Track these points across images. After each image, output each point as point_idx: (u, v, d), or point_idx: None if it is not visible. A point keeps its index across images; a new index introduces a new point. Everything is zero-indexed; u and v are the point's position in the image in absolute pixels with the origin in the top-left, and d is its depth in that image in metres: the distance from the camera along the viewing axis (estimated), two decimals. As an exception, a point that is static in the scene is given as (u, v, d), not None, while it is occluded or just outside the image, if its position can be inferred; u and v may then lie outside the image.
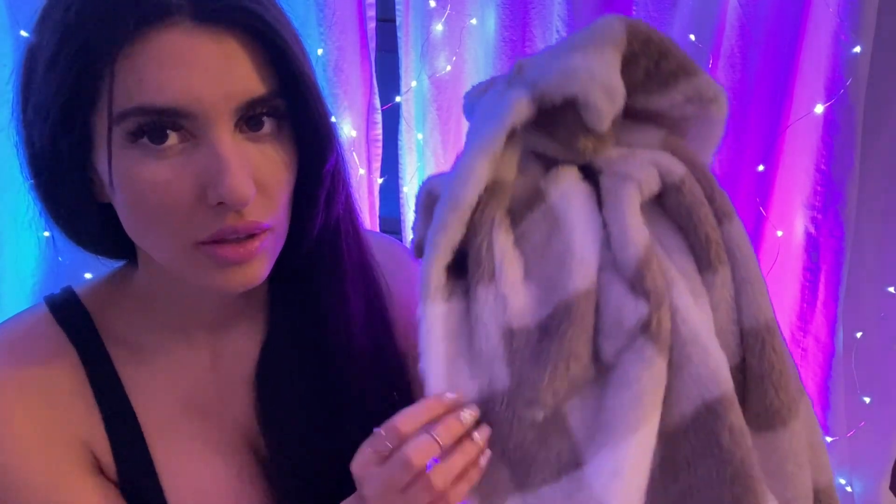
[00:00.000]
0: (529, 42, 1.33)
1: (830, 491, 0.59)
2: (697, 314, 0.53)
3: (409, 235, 1.51)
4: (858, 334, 1.25)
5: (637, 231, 0.54)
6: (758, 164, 1.22)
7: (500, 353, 0.54)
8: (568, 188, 0.58)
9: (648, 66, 0.57)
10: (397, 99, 1.42)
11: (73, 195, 0.56)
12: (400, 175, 1.47)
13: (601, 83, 0.54)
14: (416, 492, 0.53)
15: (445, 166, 1.46)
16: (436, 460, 0.53)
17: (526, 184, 0.60)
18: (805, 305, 1.24)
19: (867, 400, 1.28)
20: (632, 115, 0.61)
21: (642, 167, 0.57)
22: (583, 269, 0.54)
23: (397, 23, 1.37)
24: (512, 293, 0.55)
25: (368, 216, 1.52)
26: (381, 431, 0.54)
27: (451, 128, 1.44)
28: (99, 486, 0.61)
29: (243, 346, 0.67)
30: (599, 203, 0.58)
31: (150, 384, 0.63)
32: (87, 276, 0.68)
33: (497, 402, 0.55)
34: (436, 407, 0.54)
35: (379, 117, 1.44)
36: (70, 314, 0.62)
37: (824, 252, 1.21)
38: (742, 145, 1.23)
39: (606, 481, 0.51)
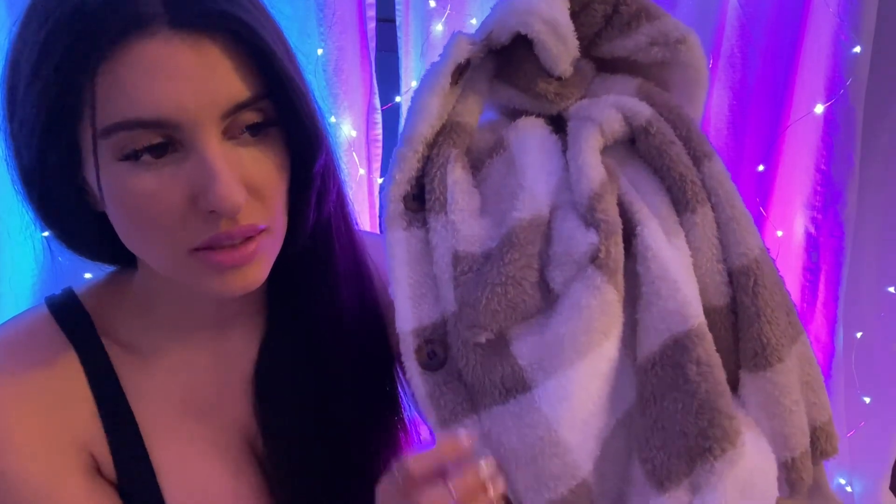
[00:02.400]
0: (529, 42, 1.33)
1: (828, 428, 0.59)
2: (669, 252, 0.54)
3: (409, 235, 1.51)
4: (858, 334, 1.25)
5: (592, 168, 0.55)
6: (758, 164, 1.22)
7: (449, 275, 0.56)
8: (526, 132, 0.59)
9: (605, 10, 0.59)
10: (397, 99, 1.42)
11: (66, 206, 0.56)
12: (400, 175, 1.47)
13: (541, 17, 0.56)
14: None
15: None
16: None
17: (492, 137, 0.62)
18: (805, 305, 1.24)
19: (867, 400, 1.28)
20: (607, 67, 0.63)
21: (604, 110, 0.58)
22: (529, 199, 0.55)
23: (397, 23, 1.37)
24: (460, 220, 0.56)
25: (368, 216, 1.52)
26: (394, 471, 0.53)
27: (450, 128, 1.44)
28: (98, 488, 0.60)
29: (241, 347, 0.67)
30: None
31: (148, 385, 0.63)
32: (87, 276, 0.68)
33: (449, 324, 0.56)
34: (449, 450, 0.53)
35: (379, 117, 1.44)
36: (70, 315, 0.62)
37: (824, 252, 1.21)
38: (742, 145, 1.23)
39: (555, 404, 0.52)
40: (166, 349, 0.64)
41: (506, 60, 0.61)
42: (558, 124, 0.61)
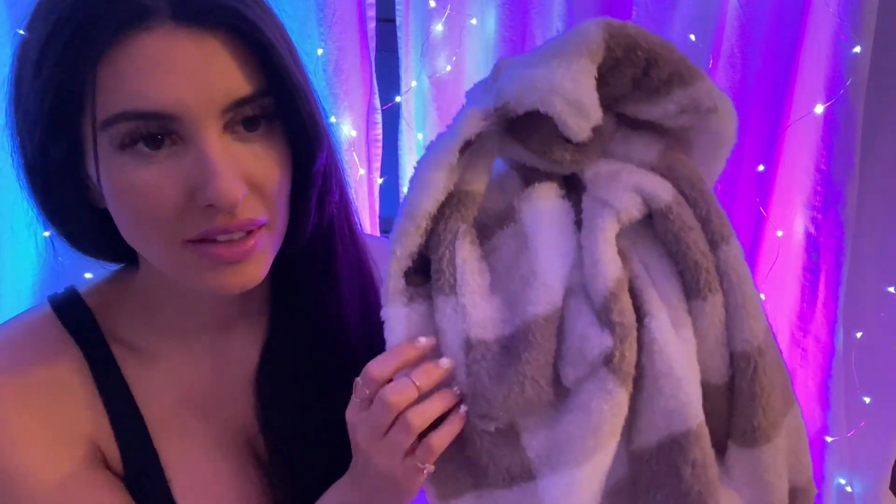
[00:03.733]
0: (529, 42, 1.33)
1: (807, 486, 0.60)
2: (675, 346, 0.53)
3: (409, 235, 1.52)
4: (858, 334, 1.25)
5: (608, 264, 0.53)
6: (758, 164, 1.22)
7: (461, 360, 0.55)
8: (540, 209, 0.57)
9: (635, 74, 0.55)
10: (397, 99, 1.42)
11: (68, 201, 0.56)
12: (400, 175, 1.47)
13: (565, 97, 0.52)
14: (395, 434, 0.54)
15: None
16: None
17: (501, 199, 0.59)
18: (805, 305, 1.24)
19: (867, 400, 1.28)
20: (629, 121, 0.59)
21: (623, 193, 0.55)
22: (546, 293, 0.54)
23: (397, 23, 1.37)
24: (471, 304, 0.55)
25: (368, 216, 1.52)
26: (359, 380, 0.55)
27: (451, 128, 1.44)
28: (106, 480, 0.61)
29: (244, 348, 0.67)
30: (581, 220, 0.57)
31: (151, 384, 0.63)
32: (88, 276, 0.68)
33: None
34: (408, 351, 0.55)
35: (379, 117, 1.44)
36: (74, 314, 0.63)
37: (824, 252, 1.21)
38: (742, 145, 1.23)
39: (557, 498, 0.53)
40: (168, 349, 0.64)
41: (519, 119, 0.57)
42: (571, 182, 0.59)
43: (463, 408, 0.55)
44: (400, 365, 0.55)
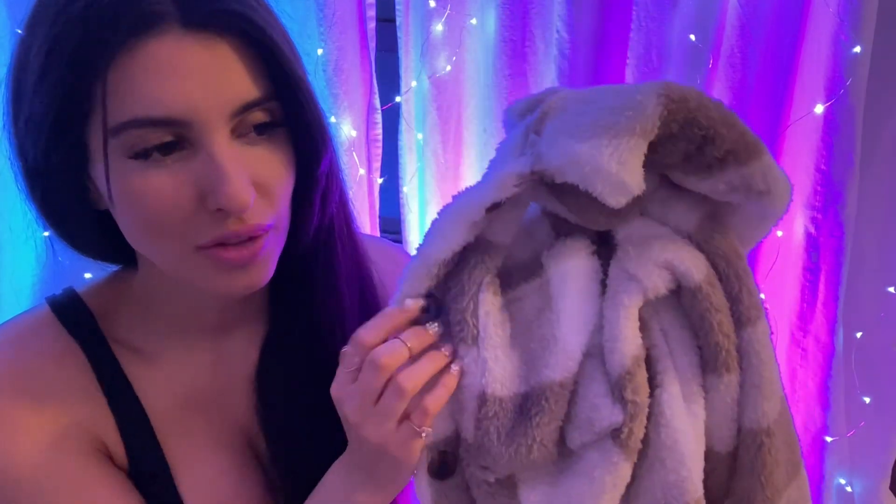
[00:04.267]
0: (529, 42, 1.33)
1: None
2: (683, 421, 0.53)
3: (408, 235, 1.51)
4: (858, 334, 1.25)
5: (627, 341, 0.53)
6: (758, 164, 1.22)
7: (472, 411, 0.55)
8: (568, 270, 0.55)
9: (689, 149, 0.52)
10: (397, 99, 1.42)
11: (69, 205, 0.56)
12: (400, 175, 1.47)
13: (609, 179, 0.49)
14: (388, 398, 0.53)
15: (445, 166, 1.46)
16: None
17: (528, 247, 0.58)
18: (805, 305, 1.24)
19: (867, 400, 1.28)
20: (672, 181, 0.57)
21: (653, 270, 0.54)
22: (564, 359, 0.54)
23: (397, 23, 1.37)
24: (493, 358, 0.55)
25: (368, 216, 1.52)
26: (348, 348, 0.55)
27: (451, 128, 1.44)
28: (112, 476, 0.61)
29: (244, 347, 0.67)
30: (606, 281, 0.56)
31: (152, 383, 0.64)
32: (87, 276, 0.68)
33: (462, 446, 0.56)
34: (397, 315, 0.55)
35: (379, 117, 1.44)
36: (73, 314, 0.63)
37: (824, 252, 1.21)
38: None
39: None
40: (169, 349, 0.64)
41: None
42: (603, 235, 0.57)
43: (455, 367, 0.55)
44: (389, 330, 0.55)
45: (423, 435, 0.54)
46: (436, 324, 0.55)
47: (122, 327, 0.64)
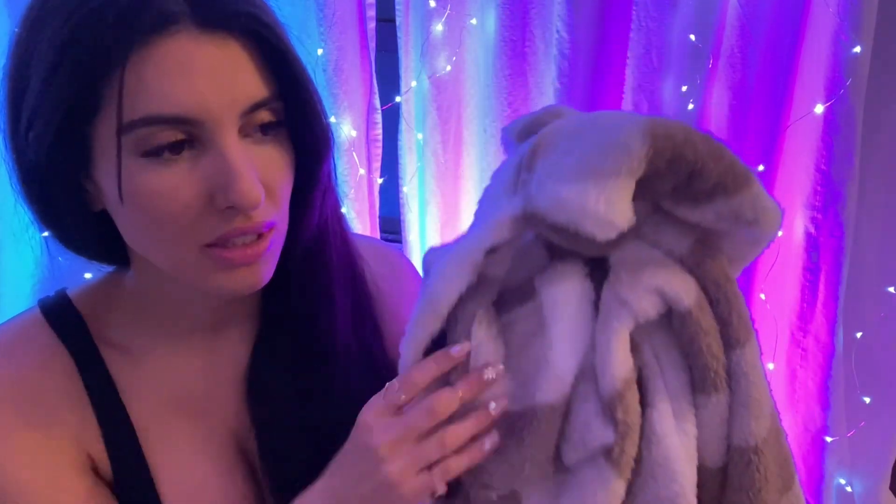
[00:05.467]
0: (529, 42, 1.33)
1: None
2: (674, 438, 0.54)
3: (408, 235, 1.52)
4: (858, 334, 1.25)
5: (618, 364, 0.54)
6: (758, 164, 1.22)
7: None
8: (560, 296, 0.56)
9: (677, 183, 0.52)
10: (397, 99, 1.42)
11: (66, 205, 0.56)
12: (400, 175, 1.47)
13: (597, 220, 0.51)
14: (427, 446, 0.54)
15: (445, 166, 1.46)
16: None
17: (523, 270, 0.59)
18: (805, 305, 1.24)
19: (867, 400, 1.28)
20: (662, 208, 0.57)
21: (644, 295, 0.54)
22: (556, 383, 0.54)
23: (397, 23, 1.37)
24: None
25: (368, 216, 1.52)
26: (394, 384, 0.55)
27: (450, 128, 1.44)
28: (93, 487, 0.61)
29: (235, 348, 0.67)
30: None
31: (142, 386, 0.63)
32: (88, 276, 0.68)
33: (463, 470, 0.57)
34: (447, 361, 0.56)
35: (379, 117, 1.44)
36: (63, 318, 0.63)
37: (824, 252, 1.21)
38: (742, 145, 1.23)
39: None
40: (160, 351, 0.64)
41: None
42: (597, 260, 0.58)
43: (488, 443, 0.55)
44: (437, 374, 0.56)
45: (437, 494, 0.55)
46: (493, 368, 0.56)
47: (112, 328, 0.63)
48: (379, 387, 0.62)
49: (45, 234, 0.61)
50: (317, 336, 0.66)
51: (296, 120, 0.56)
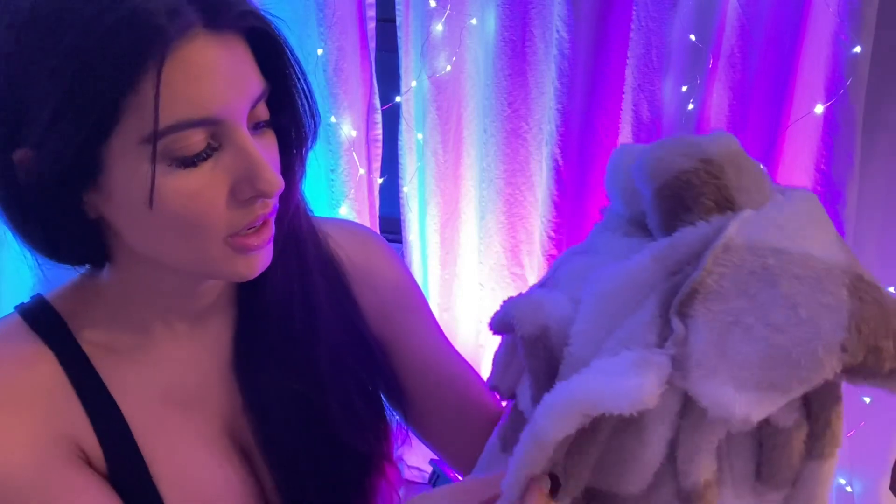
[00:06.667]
0: (529, 42, 1.33)
1: None
2: None
3: (408, 235, 1.52)
4: (858, 334, 1.25)
5: (702, 467, 0.53)
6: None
7: None
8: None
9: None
10: (397, 99, 1.42)
11: (61, 217, 0.56)
12: (400, 175, 1.47)
13: (743, 422, 0.48)
14: None
15: (445, 166, 1.46)
16: None
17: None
18: (805, 305, 1.24)
19: (867, 400, 1.28)
20: None
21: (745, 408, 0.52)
22: (643, 474, 0.54)
23: (397, 23, 1.37)
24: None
25: (368, 216, 1.52)
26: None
27: (451, 128, 1.44)
28: (90, 480, 0.61)
29: (218, 335, 0.68)
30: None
31: (128, 381, 0.64)
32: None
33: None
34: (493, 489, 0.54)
35: (379, 117, 1.44)
36: (43, 319, 0.63)
37: (824, 252, 1.21)
38: (742, 145, 1.24)
39: None
40: (144, 346, 0.65)
41: None
42: None
43: None
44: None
45: None
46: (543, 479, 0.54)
47: (94, 327, 0.64)
48: (361, 363, 0.63)
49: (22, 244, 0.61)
50: (296, 314, 0.67)
51: (287, 108, 0.59)
